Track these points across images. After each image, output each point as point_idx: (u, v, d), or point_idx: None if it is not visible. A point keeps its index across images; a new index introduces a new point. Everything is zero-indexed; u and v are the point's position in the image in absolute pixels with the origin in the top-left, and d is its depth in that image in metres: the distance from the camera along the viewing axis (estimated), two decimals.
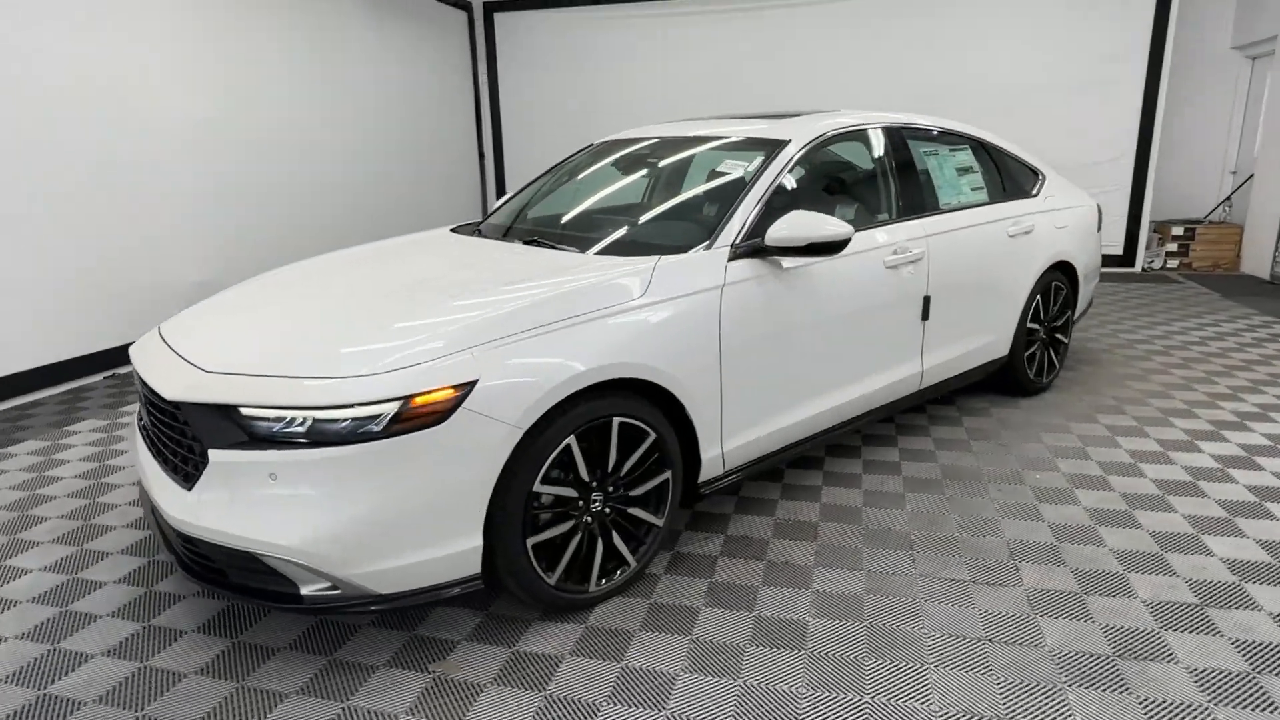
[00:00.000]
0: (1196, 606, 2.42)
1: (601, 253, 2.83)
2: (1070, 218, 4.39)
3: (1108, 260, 8.07)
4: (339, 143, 7.26)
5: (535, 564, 2.31)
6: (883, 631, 2.34)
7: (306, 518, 2.02)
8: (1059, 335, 4.47)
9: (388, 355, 2.12)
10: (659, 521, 2.61)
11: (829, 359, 3.10)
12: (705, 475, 2.75)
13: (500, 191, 9.68)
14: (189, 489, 2.14)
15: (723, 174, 3.19)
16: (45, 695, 2.16)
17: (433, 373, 2.08)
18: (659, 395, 2.53)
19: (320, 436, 2.02)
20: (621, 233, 3.04)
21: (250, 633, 2.41)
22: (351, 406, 2.02)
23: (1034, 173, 4.38)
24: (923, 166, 3.64)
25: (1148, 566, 2.65)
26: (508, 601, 2.54)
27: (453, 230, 3.60)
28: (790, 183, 3.09)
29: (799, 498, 3.20)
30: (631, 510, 2.53)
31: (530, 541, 2.28)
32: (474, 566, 2.20)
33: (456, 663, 2.26)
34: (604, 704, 2.08)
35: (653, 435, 2.51)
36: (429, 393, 2.06)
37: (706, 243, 2.77)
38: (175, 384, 2.23)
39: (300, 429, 2.03)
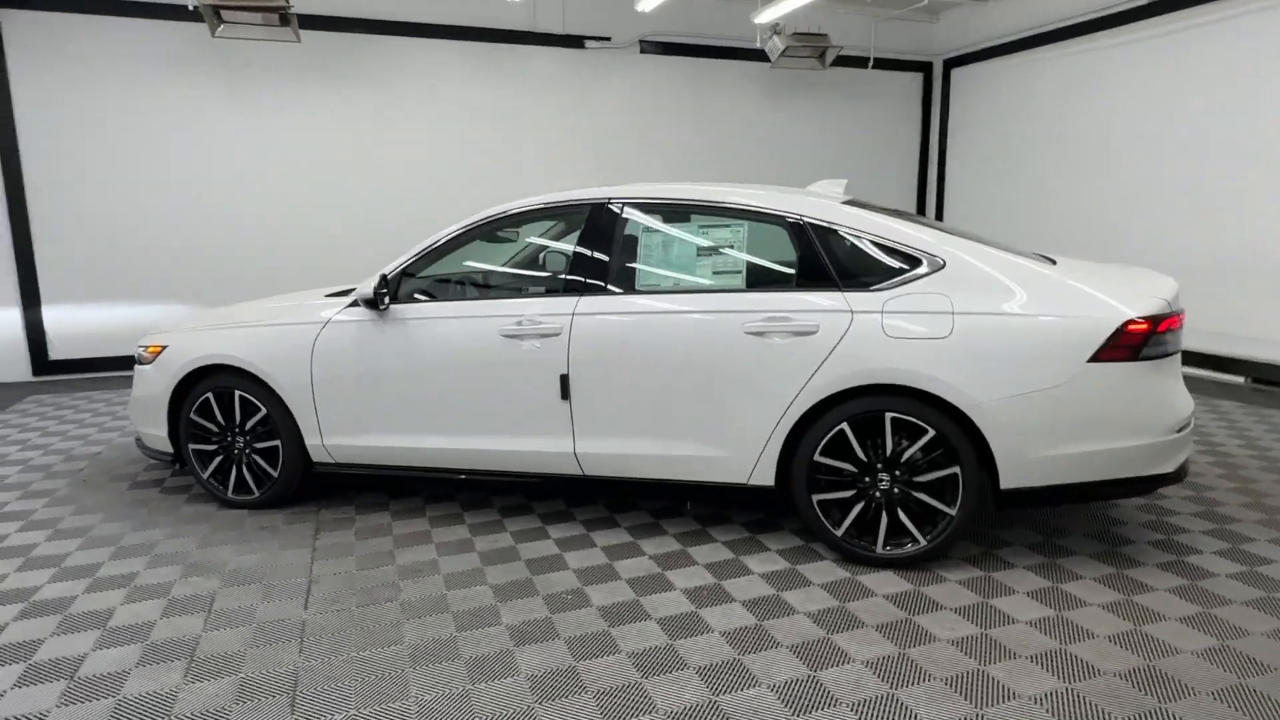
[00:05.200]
0: None
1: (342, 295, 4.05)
2: (974, 325, 2.91)
3: None
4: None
5: (195, 462, 3.97)
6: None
7: (132, 396, 4.24)
8: (924, 496, 3.00)
9: (166, 330, 4.13)
10: (275, 473, 3.85)
11: (430, 404, 3.55)
12: (315, 458, 3.81)
13: None
14: None
15: None
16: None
17: (155, 339, 4.03)
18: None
19: (136, 361, 4.21)
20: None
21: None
22: (140, 348, 4.14)
23: (910, 259, 3.05)
24: (629, 246, 3.34)
25: None
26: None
27: None
28: (449, 251, 3.65)
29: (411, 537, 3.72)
30: (254, 457, 3.88)
31: (192, 447, 3.96)
32: (169, 448, 4.03)
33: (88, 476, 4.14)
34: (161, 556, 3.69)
35: (263, 411, 3.79)
36: (150, 347, 4.02)
37: (352, 291, 3.77)
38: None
39: (137, 355, 4.25)
